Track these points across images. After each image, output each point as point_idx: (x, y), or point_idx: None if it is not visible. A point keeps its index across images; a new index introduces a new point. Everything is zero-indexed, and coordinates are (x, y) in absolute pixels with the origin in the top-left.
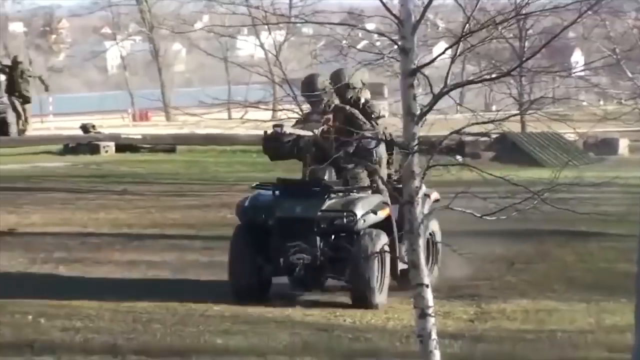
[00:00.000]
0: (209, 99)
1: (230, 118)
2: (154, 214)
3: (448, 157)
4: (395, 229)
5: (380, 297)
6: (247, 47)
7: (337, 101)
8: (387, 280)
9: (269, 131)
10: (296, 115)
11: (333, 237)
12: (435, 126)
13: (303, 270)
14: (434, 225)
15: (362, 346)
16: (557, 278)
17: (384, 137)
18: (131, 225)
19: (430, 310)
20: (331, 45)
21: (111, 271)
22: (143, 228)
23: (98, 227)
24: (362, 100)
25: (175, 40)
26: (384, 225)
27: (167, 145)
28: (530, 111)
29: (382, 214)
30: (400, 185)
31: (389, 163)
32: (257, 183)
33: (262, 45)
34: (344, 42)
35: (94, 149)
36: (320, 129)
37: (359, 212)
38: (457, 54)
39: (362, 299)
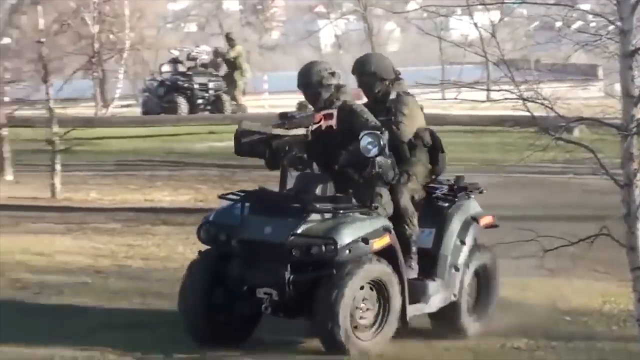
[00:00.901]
0: (424, 80)
1: (444, 98)
2: None
3: None
4: (402, 263)
5: (373, 343)
6: (461, 26)
7: (343, 97)
8: (390, 323)
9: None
10: (513, 96)
11: (311, 268)
12: None
13: (270, 309)
14: (486, 258)
15: (578, 329)
16: None
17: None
18: None
19: None
20: (546, 26)
21: None
22: None
23: None
24: (393, 96)
25: (390, 19)
26: (388, 254)
27: None
28: None
29: (376, 245)
30: (446, 204)
31: (433, 173)
32: (228, 193)
33: (476, 25)
34: (558, 23)
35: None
36: (310, 128)
37: (341, 239)
38: None
39: (331, 348)
